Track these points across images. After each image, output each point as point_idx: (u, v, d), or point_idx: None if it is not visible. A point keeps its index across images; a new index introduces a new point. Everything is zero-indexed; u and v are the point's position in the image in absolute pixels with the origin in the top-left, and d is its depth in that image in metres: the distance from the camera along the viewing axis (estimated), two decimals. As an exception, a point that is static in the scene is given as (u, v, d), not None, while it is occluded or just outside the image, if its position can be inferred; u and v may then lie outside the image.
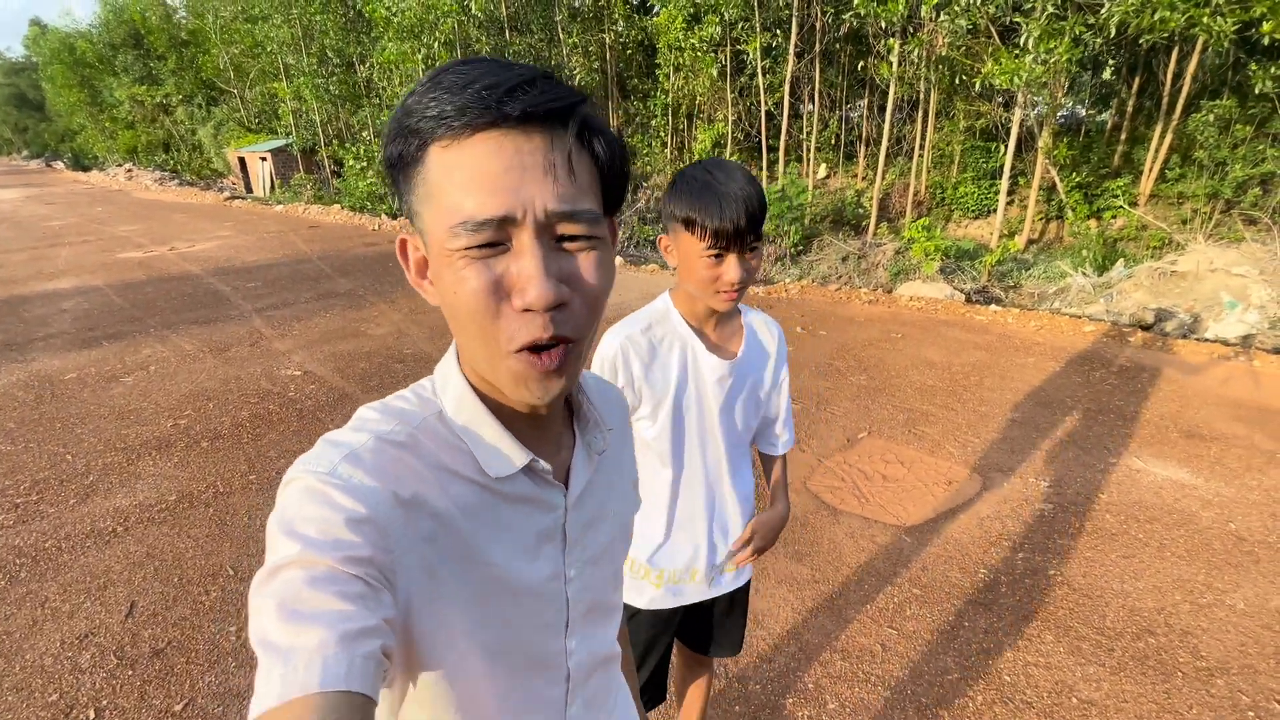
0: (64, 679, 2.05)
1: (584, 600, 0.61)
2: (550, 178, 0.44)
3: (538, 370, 0.47)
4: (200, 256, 9.24)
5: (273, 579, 0.41)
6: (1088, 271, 8.74)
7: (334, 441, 0.49)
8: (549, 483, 0.56)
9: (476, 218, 0.43)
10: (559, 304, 0.45)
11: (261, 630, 0.39)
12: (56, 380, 4.56)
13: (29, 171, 36.97)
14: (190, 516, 2.89)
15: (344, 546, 0.42)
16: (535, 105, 0.43)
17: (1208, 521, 2.83)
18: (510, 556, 0.54)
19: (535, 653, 0.58)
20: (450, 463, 0.52)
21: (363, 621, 0.40)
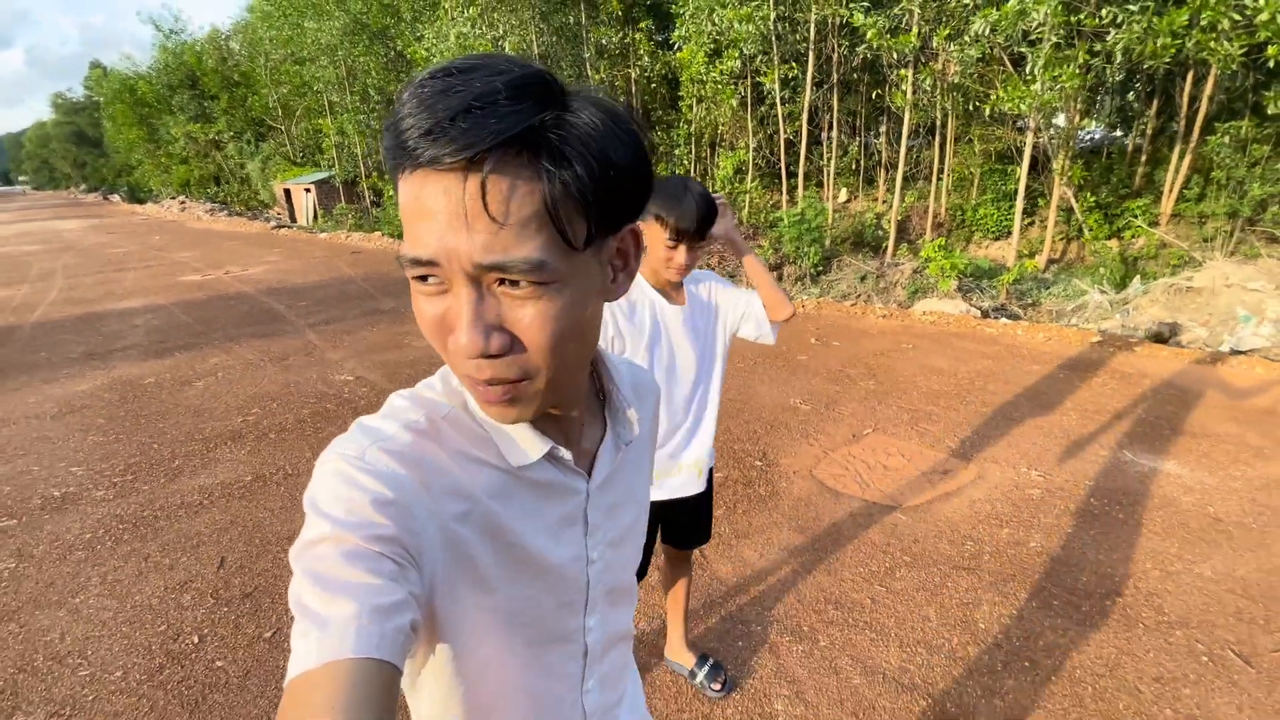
0: (170, 614, 2.44)
1: (604, 581, 0.63)
2: (472, 225, 0.40)
3: (483, 399, 0.48)
4: (253, 279, 9.92)
5: (307, 551, 0.43)
6: (1105, 288, 8.88)
7: (366, 427, 0.51)
8: (571, 469, 0.58)
9: (408, 255, 0.43)
10: (495, 354, 0.44)
11: (299, 595, 0.42)
12: (137, 384, 5.09)
13: (87, 204, 39.33)
14: (265, 492, 3.30)
15: (370, 526, 0.44)
16: (446, 152, 0.38)
17: (1187, 505, 3.04)
18: (535, 536, 0.56)
19: (555, 628, 0.60)
20: (474, 451, 0.53)
21: (392, 596, 0.42)
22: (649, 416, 0.70)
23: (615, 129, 0.44)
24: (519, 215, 0.41)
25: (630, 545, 0.67)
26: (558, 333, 0.45)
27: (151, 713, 1.98)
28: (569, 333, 0.46)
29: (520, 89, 0.40)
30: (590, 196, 0.43)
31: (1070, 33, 7.86)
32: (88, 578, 2.66)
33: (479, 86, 0.39)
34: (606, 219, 0.45)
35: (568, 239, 0.43)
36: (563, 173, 0.41)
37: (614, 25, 14.74)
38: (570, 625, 0.61)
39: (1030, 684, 2.03)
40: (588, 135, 0.42)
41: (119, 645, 2.27)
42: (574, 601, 0.61)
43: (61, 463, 3.72)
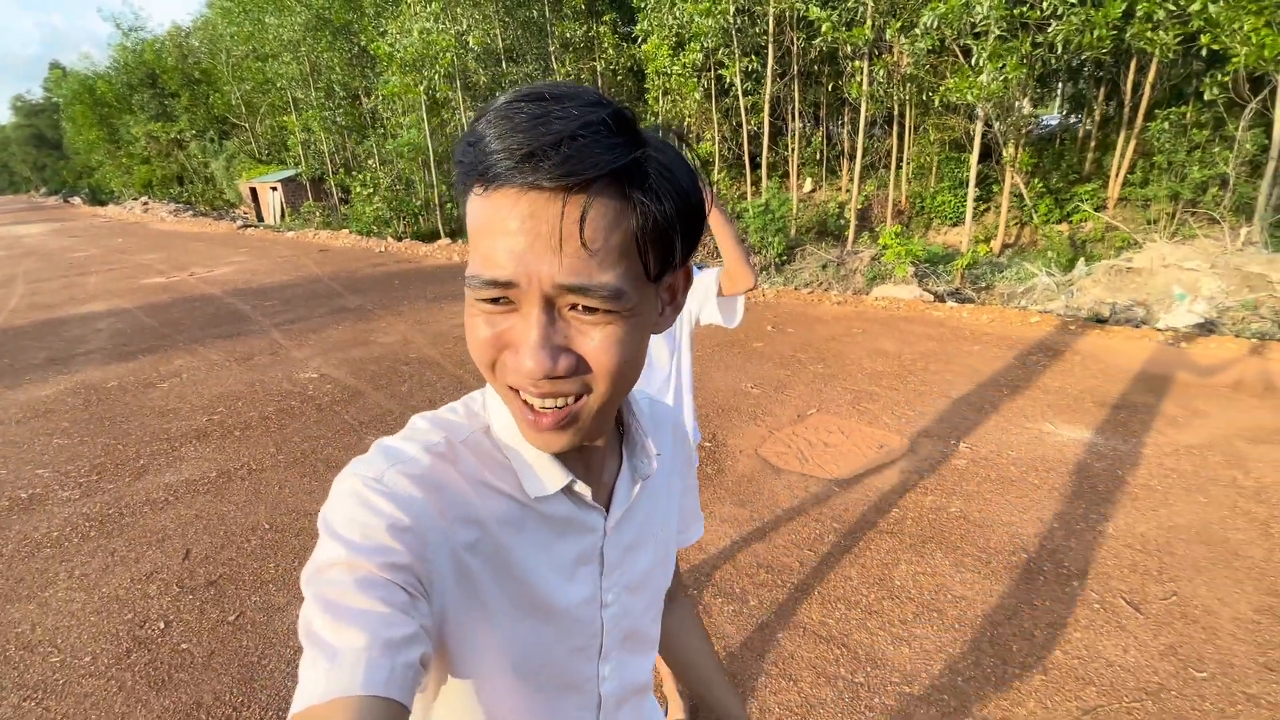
0: (136, 603, 2.55)
1: (620, 627, 0.60)
2: (561, 248, 0.41)
3: (530, 422, 0.47)
4: (219, 280, 9.86)
5: (320, 576, 0.43)
6: (1052, 271, 9.22)
7: (385, 448, 0.50)
8: (589, 504, 0.56)
9: (482, 276, 0.42)
10: (561, 374, 0.44)
11: (309, 622, 0.41)
12: (100, 387, 5.12)
13: (48, 207, 38.21)
14: (229, 488, 3.41)
15: (385, 552, 0.43)
16: (551, 176, 0.39)
17: (1099, 470, 3.29)
18: (546, 575, 0.54)
19: (566, 675, 0.57)
20: (491, 478, 0.52)
21: (403, 629, 0.41)
22: (668, 450, 0.67)
23: (687, 169, 0.46)
24: (606, 243, 0.42)
25: (649, 591, 0.64)
26: (622, 358, 0.45)
27: (120, 692, 2.11)
28: (631, 360, 0.46)
29: (619, 123, 0.41)
30: (671, 231, 0.44)
31: (1014, 25, 8.15)
32: (56, 573, 2.76)
33: (580, 115, 0.40)
34: (675, 254, 0.46)
35: (646, 270, 0.45)
36: (653, 206, 0.43)
37: (578, 19, 14.77)
38: (583, 673, 0.58)
39: (935, 631, 2.24)
40: (671, 173, 0.44)
41: (88, 633, 2.39)
42: (587, 647, 0.58)
43: (27, 466, 3.78)
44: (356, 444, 3.87)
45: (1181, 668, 2.05)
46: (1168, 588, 2.42)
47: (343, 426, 4.15)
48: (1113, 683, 2.00)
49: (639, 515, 0.61)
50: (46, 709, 2.06)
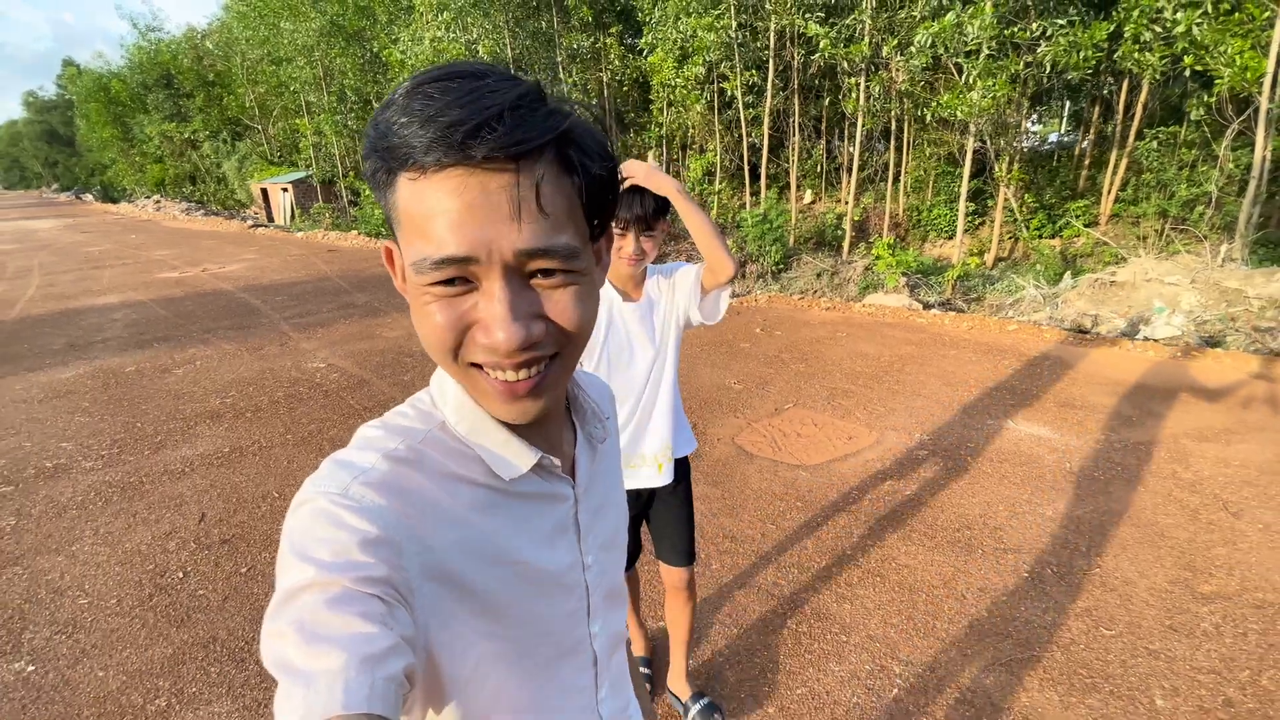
0: (157, 557, 2.81)
1: (602, 585, 0.63)
2: (518, 216, 0.42)
3: (503, 394, 0.47)
4: (231, 276, 10.17)
5: (290, 603, 0.40)
6: (1040, 284, 9.47)
7: (343, 462, 0.49)
8: (558, 476, 0.58)
9: (434, 256, 0.42)
10: (537, 340, 0.45)
11: (280, 654, 0.39)
12: (118, 372, 5.40)
13: (60, 204, 38.80)
14: (241, 461, 3.67)
15: (358, 567, 0.42)
16: (500, 148, 0.40)
17: (1049, 462, 3.53)
18: (532, 550, 0.55)
19: (564, 642, 0.59)
20: (459, 471, 0.52)
21: (383, 642, 0.40)
22: (611, 415, 0.71)
23: (599, 133, 0.48)
24: (556, 208, 0.44)
25: (618, 547, 0.67)
26: (586, 317, 0.48)
27: (144, 628, 2.36)
28: (591, 319, 0.49)
29: (542, 93, 0.44)
30: (605, 190, 0.48)
31: (1004, 45, 8.43)
32: (81, 531, 3.02)
33: (509, 88, 0.41)
34: (608, 214, 0.50)
35: (590, 230, 0.48)
36: (591, 167, 0.46)
37: (585, 31, 15.14)
38: (578, 635, 0.61)
39: (876, 592, 2.48)
40: (595, 137, 0.47)
41: (113, 580, 2.64)
42: (578, 610, 0.60)
43: (51, 439, 4.05)
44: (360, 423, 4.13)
45: (1093, 626, 2.29)
46: (1093, 560, 2.66)
47: (348, 410, 4.42)
48: (1029, 638, 2.24)
49: (600, 478, 0.64)
50: (76, 641, 2.31)
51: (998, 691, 2.01)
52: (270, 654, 0.39)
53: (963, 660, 2.14)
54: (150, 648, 2.26)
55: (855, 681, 2.05)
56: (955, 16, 8.26)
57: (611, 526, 0.66)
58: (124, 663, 2.20)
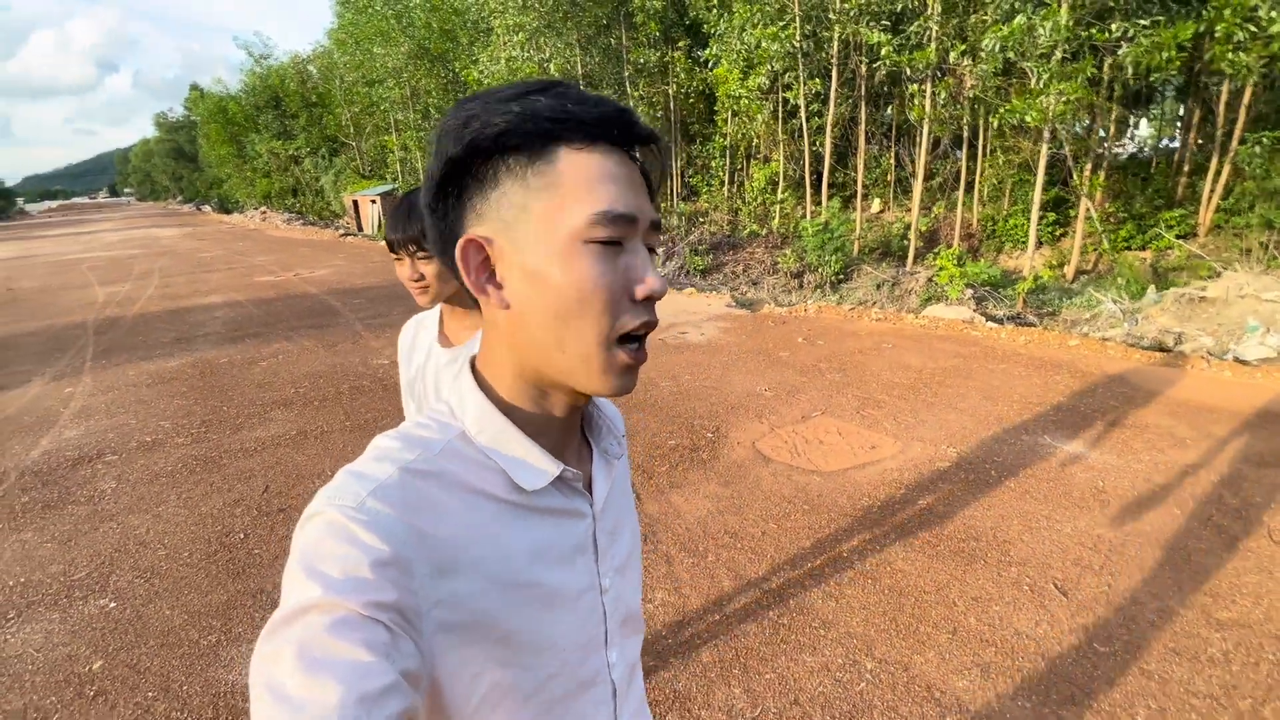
0: (225, 521, 3.21)
1: (619, 610, 0.61)
2: (646, 193, 0.52)
3: (632, 361, 0.51)
4: (318, 280, 11.08)
5: (292, 623, 0.39)
6: (1120, 299, 8.93)
7: (358, 474, 0.47)
8: (577, 492, 0.57)
9: (615, 210, 0.47)
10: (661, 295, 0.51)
11: (272, 677, 0.37)
12: (213, 363, 6.07)
13: (183, 214, 43.08)
14: (305, 443, 4.10)
15: (367, 589, 0.41)
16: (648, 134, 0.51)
17: (1080, 480, 3.41)
18: (550, 571, 0.53)
19: (583, 671, 0.57)
20: (479, 484, 0.51)
21: (383, 679, 0.38)
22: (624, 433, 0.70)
23: None
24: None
25: (633, 571, 0.65)
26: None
27: (207, 578, 2.74)
28: None
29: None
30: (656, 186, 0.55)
31: (1079, 46, 8.04)
32: (167, 496, 3.48)
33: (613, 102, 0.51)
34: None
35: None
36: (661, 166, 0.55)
37: (653, 46, 15.49)
38: (595, 664, 0.58)
39: (865, 593, 2.52)
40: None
41: (187, 537, 3.06)
42: (595, 637, 0.58)
43: (153, 418, 4.65)
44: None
45: (1087, 642, 2.25)
46: (1103, 579, 2.59)
47: (398, 407, 4.81)
48: (1014, 647, 2.23)
49: (615, 497, 0.62)
50: (152, 584, 2.71)
51: (968, 694, 2.03)
52: (261, 675, 0.38)
53: (938, 662, 2.16)
54: (210, 594, 2.62)
55: (825, 673, 2.13)
56: (1026, 19, 7.97)
57: (626, 549, 0.64)
58: (188, 604, 2.56)
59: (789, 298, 10.59)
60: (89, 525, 3.22)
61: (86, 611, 2.56)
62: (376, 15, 19.07)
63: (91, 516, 3.30)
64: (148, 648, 2.34)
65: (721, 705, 2.01)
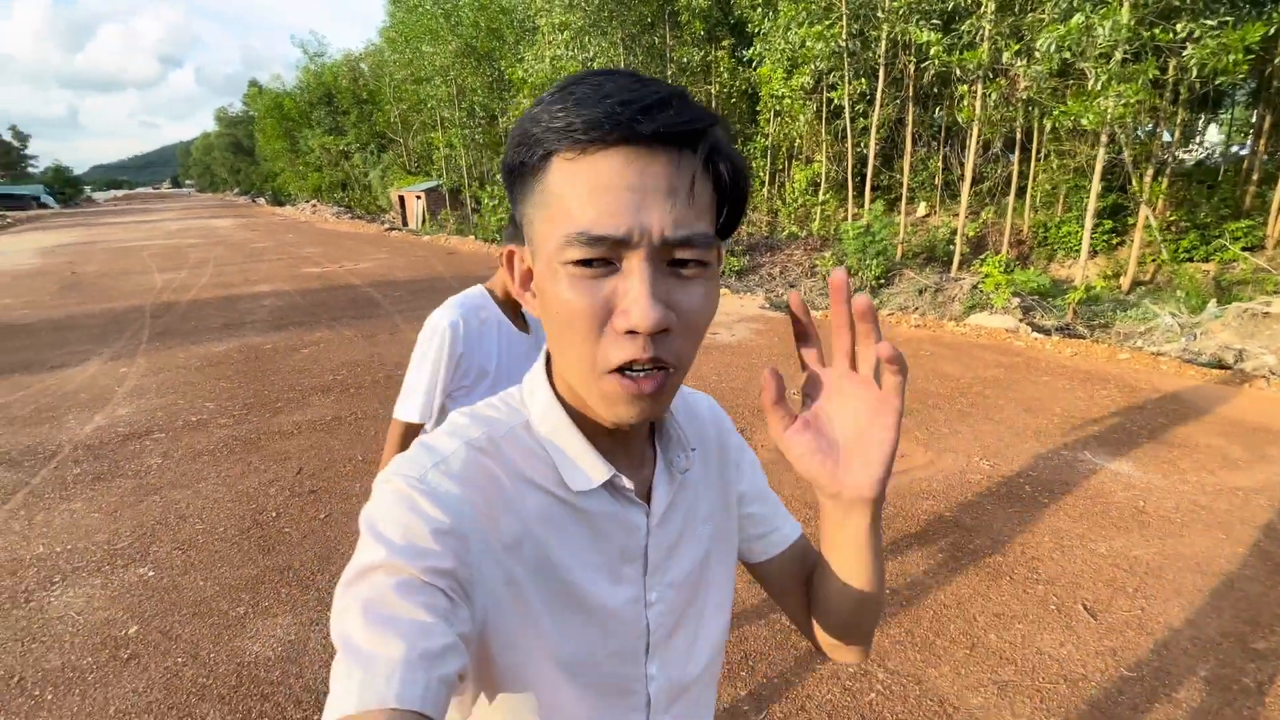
0: (259, 499, 3.33)
1: (665, 625, 0.59)
2: (671, 202, 0.43)
3: (630, 393, 0.46)
4: (361, 272, 11.40)
5: (361, 580, 0.43)
6: (1176, 312, 8.53)
7: (428, 446, 0.50)
8: (631, 500, 0.55)
9: (592, 231, 0.42)
10: (662, 329, 0.44)
11: (346, 629, 0.41)
12: (258, 349, 6.30)
13: (239, 206, 44.85)
14: (339, 428, 4.23)
15: (426, 555, 0.44)
16: (668, 126, 0.42)
17: (1120, 499, 3.27)
18: (588, 574, 0.53)
19: (612, 677, 0.56)
20: (531, 473, 0.52)
21: (441, 639, 0.41)
22: (708, 444, 0.66)
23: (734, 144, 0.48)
24: (702, 197, 0.44)
25: (695, 590, 0.61)
26: (708, 317, 0.47)
27: (239, 553, 2.85)
28: (711, 315, 0.47)
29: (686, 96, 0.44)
30: (729, 195, 0.46)
31: (1141, 47, 7.69)
32: (207, 473, 3.64)
33: (656, 88, 0.43)
34: (727, 222, 0.48)
35: (719, 228, 0.47)
36: (732, 166, 0.46)
37: (697, 45, 15.44)
38: (630, 674, 0.57)
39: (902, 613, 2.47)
40: (731, 144, 0.47)
41: (224, 513, 3.19)
42: (633, 648, 0.57)
43: (199, 399, 4.86)
44: (439, 407, 4.60)
45: (1113, 666, 2.16)
46: (1136, 603, 2.48)
47: (432, 393, 4.92)
48: (1035, 666, 2.16)
49: (679, 512, 0.60)
50: (189, 556, 2.84)
51: (981, 711, 1.97)
52: (337, 627, 0.41)
53: (953, 677, 2.11)
54: (241, 568, 2.73)
55: (834, 681, 2.09)
56: (1084, 18, 7.66)
57: (688, 566, 0.60)
58: (220, 577, 2.68)
59: (826, 301, 10.40)
60: (134, 498, 3.39)
61: (126, 579, 2.69)
62: (426, 14, 19.49)
63: (137, 490, 3.47)
64: (180, 616, 2.45)
65: (727, 707, 2.00)
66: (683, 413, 0.64)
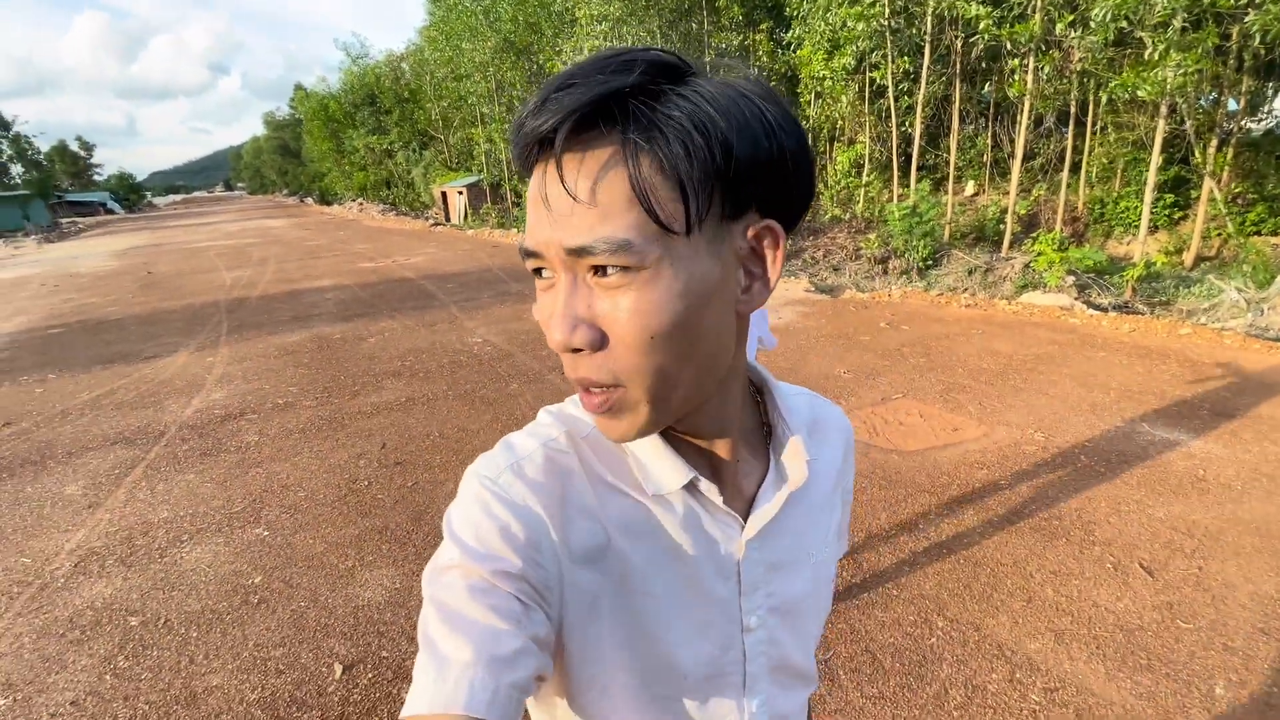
0: (350, 470, 3.64)
1: (768, 656, 0.54)
2: (569, 207, 0.38)
3: (588, 408, 0.44)
4: (414, 266, 11.85)
5: (438, 579, 0.43)
6: (1243, 287, 8.24)
7: (509, 445, 0.49)
8: (721, 510, 0.50)
9: (524, 245, 0.42)
10: (577, 348, 0.41)
11: (425, 627, 0.42)
12: (328, 338, 6.70)
13: (288, 206, 46.55)
14: (414, 408, 4.53)
15: (498, 559, 0.43)
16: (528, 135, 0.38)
17: (1179, 468, 3.30)
18: (672, 590, 0.49)
19: (704, 708, 0.52)
20: (611, 476, 0.49)
21: (512, 643, 0.40)
22: (833, 460, 0.60)
23: (739, 105, 0.39)
24: (606, 195, 0.38)
25: (803, 618, 0.57)
26: (647, 328, 0.40)
27: (340, 516, 3.15)
28: (665, 331, 0.40)
29: (625, 65, 0.37)
30: (686, 174, 0.38)
31: (1201, 14, 7.41)
32: (301, 449, 3.98)
33: (585, 66, 0.38)
34: (721, 203, 0.40)
35: (659, 220, 0.38)
36: (651, 146, 0.37)
37: (735, 29, 15.38)
38: (723, 706, 0.53)
39: (939, 561, 2.60)
40: (692, 109, 0.37)
41: (321, 482, 3.50)
42: (729, 677, 0.52)
43: (283, 384, 5.24)
44: (504, 388, 4.86)
45: (1169, 619, 2.25)
46: (1194, 562, 2.54)
47: (496, 375, 5.19)
48: (1092, 617, 2.26)
49: (788, 530, 0.54)
50: (296, 518, 3.15)
51: (1039, 655, 2.09)
52: (421, 624, 0.42)
53: (1011, 625, 2.23)
54: (344, 528, 3.03)
55: (897, 627, 2.24)
56: (1142, -14, 7.42)
57: (797, 591, 0.55)
58: (326, 536, 2.98)
59: (872, 284, 10.35)
60: (240, 470, 3.74)
61: (245, 538, 3.02)
62: (465, 11, 19.87)
63: (241, 463, 3.83)
64: (297, 568, 2.75)
65: (796, 648, 2.17)
66: (809, 421, 0.58)
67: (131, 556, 2.93)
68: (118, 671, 2.24)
